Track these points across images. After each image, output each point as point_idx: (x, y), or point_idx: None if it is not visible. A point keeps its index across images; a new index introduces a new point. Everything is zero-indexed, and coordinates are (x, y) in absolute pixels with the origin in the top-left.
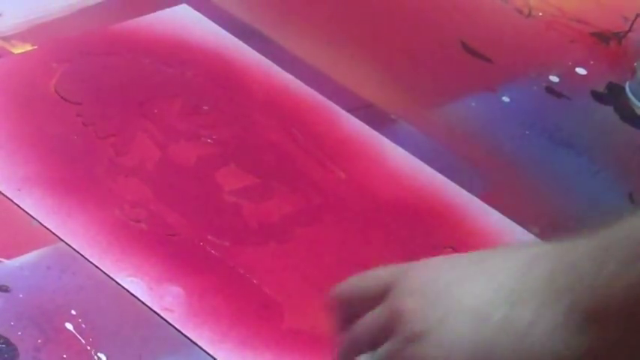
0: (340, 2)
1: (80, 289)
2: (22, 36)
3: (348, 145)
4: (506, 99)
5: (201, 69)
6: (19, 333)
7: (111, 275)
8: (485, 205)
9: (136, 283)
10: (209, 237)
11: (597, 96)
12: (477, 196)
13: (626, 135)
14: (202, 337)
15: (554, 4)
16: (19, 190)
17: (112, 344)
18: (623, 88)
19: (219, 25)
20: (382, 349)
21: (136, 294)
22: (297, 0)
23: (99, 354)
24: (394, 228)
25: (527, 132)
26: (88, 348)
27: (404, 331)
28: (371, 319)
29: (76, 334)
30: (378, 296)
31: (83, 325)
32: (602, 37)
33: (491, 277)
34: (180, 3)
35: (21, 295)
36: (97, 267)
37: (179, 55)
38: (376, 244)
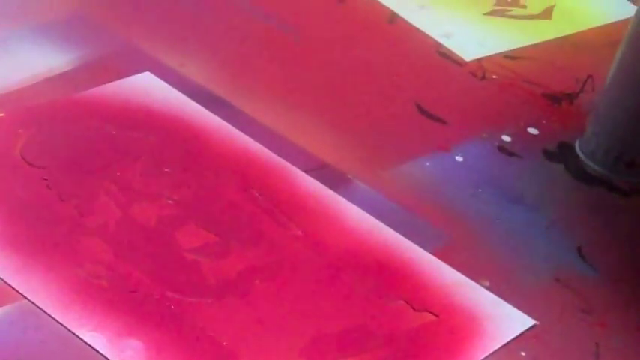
0: (297, 68)
1: (43, 344)
2: None
3: (305, 204)
4: (459, 158)
5: (163, 133)
6: None
7: (73, 330)
8: (438, 260)
9: (97, 337)
10: (168, 292)
11: (549, 155)
12: (430, 251)
13: (576, 192)
14: None
15: (507, 66)
16: None
17: None
18: (574, 147)
19: (182, 91)
20: None
21: (97, 348)
22: (256, 66)
23: None
24: (349, 282)
25: (480, 190)
26: None
27: None
28: None
29: None
30: None
31: None
32: (554, 97)
33: None
34: (144, 71)
35: None
36: (59, 322)
37: (142, 120)
38: (332, 297)
